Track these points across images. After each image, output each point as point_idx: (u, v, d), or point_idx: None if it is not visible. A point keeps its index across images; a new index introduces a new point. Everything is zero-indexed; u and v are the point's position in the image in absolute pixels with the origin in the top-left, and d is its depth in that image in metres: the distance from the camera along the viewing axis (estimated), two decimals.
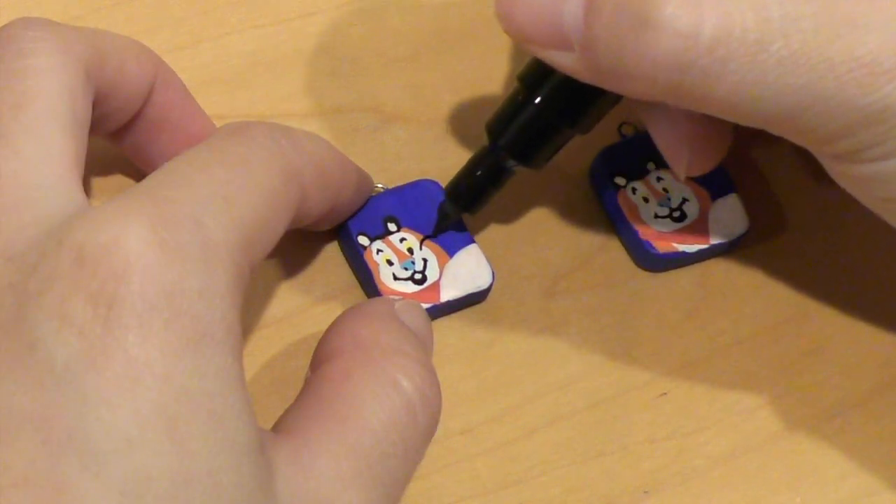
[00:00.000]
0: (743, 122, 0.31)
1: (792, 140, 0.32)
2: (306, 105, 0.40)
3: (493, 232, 0.38)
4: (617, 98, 0.34)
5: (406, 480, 0.30)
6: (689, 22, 0.29)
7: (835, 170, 0.33)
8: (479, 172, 0.36)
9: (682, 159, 0.36)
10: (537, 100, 0.34)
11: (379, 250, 0.36)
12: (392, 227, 0.37)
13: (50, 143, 0.29)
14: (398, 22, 0.42)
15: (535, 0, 0.31)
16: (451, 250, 0.37)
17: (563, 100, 0.34)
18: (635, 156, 0.39)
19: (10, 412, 0.25)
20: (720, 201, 0.39)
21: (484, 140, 0.36)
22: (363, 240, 0.36)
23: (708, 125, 0.35)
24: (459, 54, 0.41)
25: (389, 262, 0.36)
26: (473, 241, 0.37)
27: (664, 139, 0.36)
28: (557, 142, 0.35)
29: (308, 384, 0.31)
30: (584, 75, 0.31)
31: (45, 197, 0.28)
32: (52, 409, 0.25)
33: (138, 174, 0.37)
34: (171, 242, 0.26)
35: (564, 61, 0.31)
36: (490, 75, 0.41)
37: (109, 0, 0.40)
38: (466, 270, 0.37)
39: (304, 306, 0.37)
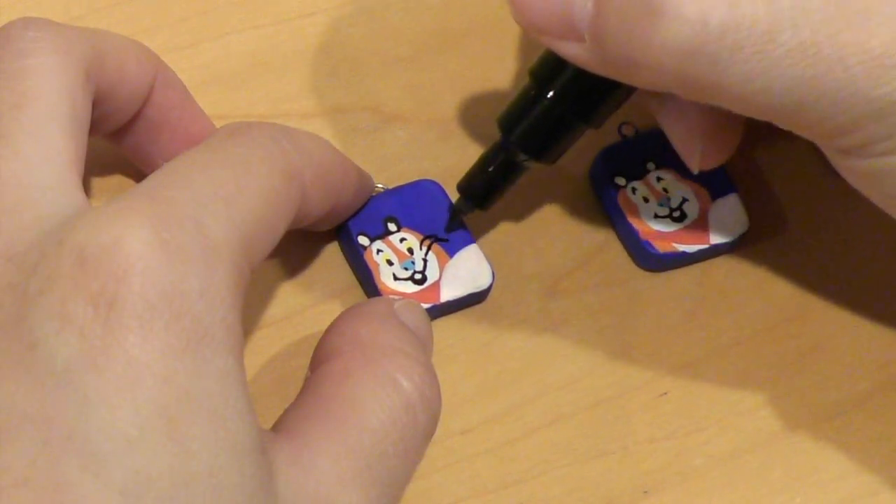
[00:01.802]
0: (751, 114, 0.31)
1: (800, 133, 0.32)
2: (306, 105, 0.40)
3: (493, 232, 0.38)
4: (629, 92, 0.34)
5: (406, 480, 0.30)
6: (698, 9, 0.29)
7: (842, 165, 0.32)
8: (491, 168, 0.36)
9: (695, 152, 0.36)
10: (549, 94, 0.34)
11: (379, 250, 0.36)
12: (392, 227, 0.37)
13: (50, 144, 0.29)
14: (398, 22, 0.42)
15: None
16: (451, 250, 0.37)
17: (576, 94, 0.34)
18: (635, 156, 0.39)
19: (11, 412, 0.25)
20: (720, 201, 0.39)
21: (492, 136, 0.36)
22: (363, 240, 0.36)
23: (719, 118, 0.35)
24: (459, 54, 0.41)
25: (389, 262, 0.36)
26: (473, 242, 0.37)
27: (676, 132, 0.36)
28: (570, 136, 0.35)
29: (308, 384, 0.31)
30: (594, 66, 0.32)
31: (46, 197, 0.28)
32: (52, 409, 0.25)
33: (138, 174, 0.37)
34: (171, 243, 0.26)
35: (575, 52, 0.32)
36: (490, 75, 0.41)
37: (109, 0, 0.40)
38: (466, 270, 0.37)
39: (304, 306, 0.37)
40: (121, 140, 0.35)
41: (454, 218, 0.37)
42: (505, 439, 0.36)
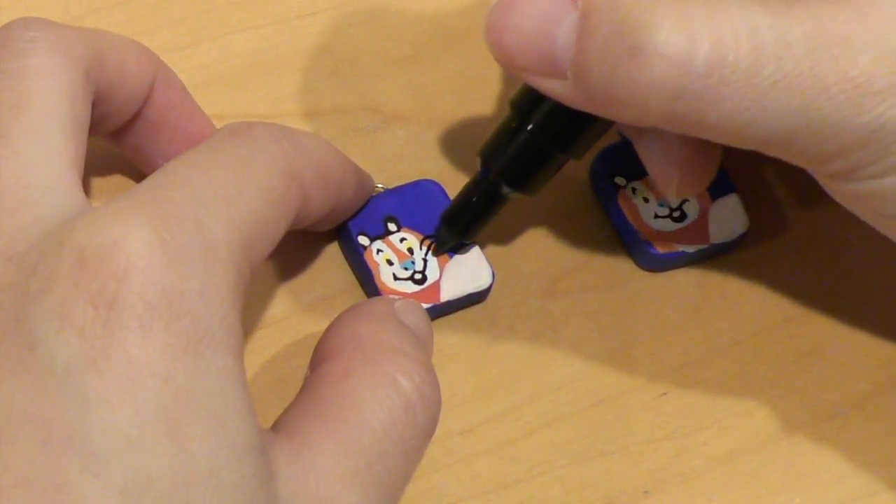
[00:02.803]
0: (737, 145, 0.31)
1: (787, 160, 0.32)
2: (306, 105, 0.40)
3: (493, 232, 0.38)
4: (610, 123, 0.34)
5: (406, 480, 0.30)
6: (682, 48, 0.29)
7: (831, 188, 0.33)
8: (474, 199, 0.36)
9: (673, 182, 0.36)
10: (530, 126, 0.34)
11: (379, 250, 0.36)
12: (392, 227, 0.37)
13: (50, 144, 0.29)
14: (398, 22, 0.42)
15: (526, 27, 0.31)
16: (451, 251, 0.37)
17: (556, 126, 0.34)
18: (635, 156, 0.39)
19: (11, 413, 0.25)
20: (720, 201, 0.39)
21: (478, 164, 0.36)
22: (363, 240, 0.36)
23: (697, 148, 0.35)
24: (459, 54, 0.41)
25: (389, 262, 0.36)
26: (474, 242, 0.37)
27: (654, 163, 0.36)
28: (551, 167, 0.35)
29: (307, 383, 0.31)
30: (576, 102, 0.31)
31: (46, 197, 0.28)
32: (52, 409, 0.25)
33: (138, 174, 0.37)
34: (171, 243, 0.26)
35: (557, 88, 0.31)
36: (490, 75, 0.41)
37: (109, 0, 0.40)
38: (467, 270, 0.37)
39: (304, 306, 0.37)
40: (120, 140, 0.35)
41: (440, 247, 0.37)
42: (505, 439, 0.36)
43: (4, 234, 0.27)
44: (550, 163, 0.35)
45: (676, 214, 0.38)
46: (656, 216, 0.38)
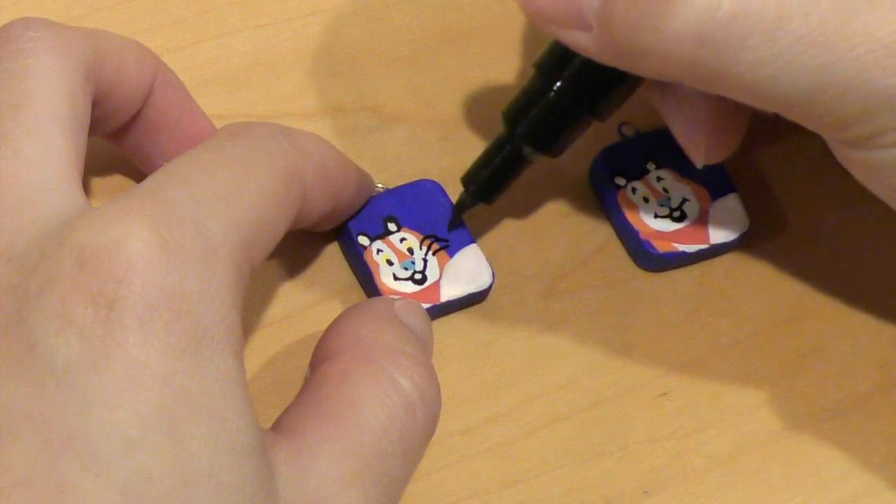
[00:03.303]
0: (758, 105, 0.31)
1: (806, 125, 0.31)
2: (306, 105, 0.40)
3: (494, 232, 0.38)
4: (636, 83, 0.34)
5: (406, 480, 0.30)
6: None
7: (847, 157, 0.32)
8: (496, 161, 0.36)
9: (700, 146, 0.36)
10: (555, 87, 0.34)
11: (379, 250, 0.36)
12: (392, 226, 0.37)
13: (50, 144, 0.29)
14: (398, 22, 0.42)
15: None
16: (451, 250, 0.37)
17: (582, 86, 0.34)
18: (635, 156, 0.39)
19: (11, 413, 0.25)
20: (720, 201, 0.39)
21: (493, 136, 0.36)
22: (363, 240, 0.36)
23: (724, 111, 0.35)
24: (459, 54, 0.41)
25: (389, 262, 0.36)
26: (474, 241, 0.37)
27: (680, 126, 0.36)
28: (576, 129, 0.35)
29: (307, 383, 0.31)
30: (602, 55, 0.31)
31: (46, 197, 0.28)
32: (52, 409, 0.25)
33: (138, 174, 0.37)
34: (171, 243, 0.26)
35: (583, 41, 0.31)
36: (490, 75, 0.41)
37: (109, 0, 0.40)
38: (467, 270, 0.37)
39: (304, 306, 0.36)
40: (120, 140, 0.35)
41: (458, 213, 0.37)
42: (505, 439, 0.36)
43: (4, 235, 0.27)
44: (576, 124, 0.35)
45: (676, 214, 0.38)
46: (656, 216, 0.38)
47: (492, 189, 0.37)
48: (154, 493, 0.24)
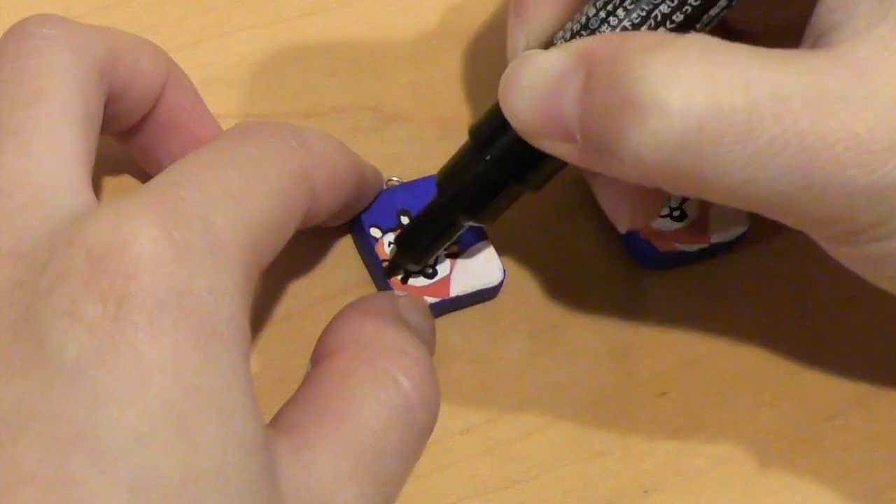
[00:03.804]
0: (739, 206, 0.30)
1: (788, 224, 0.31)
2: (306, 105, 0.40)
3: (494, 232, 0.38)
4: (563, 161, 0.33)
5: (403, 479, 0.30)
6: (677, 103, 0.28)
7: (835, 251, 0.32)
8: (428, 225, 0.35)
9: (623, 216, 0.35)
10: (488, 157, 0.33)
11: (390, 243, 0.36)
12: (405, 220, 0.37)
13: (62, 142, 0.29)
14: (398, 22, 0.42)
15: (536, 96, 0.31)
16: (463, 245, 0.37)
17: (515, 157, 0.33)
18: None
19: (20, 409, 0.25)
20: None
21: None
22: (375, 232, 0.36)
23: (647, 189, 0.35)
24: (459, 54, 0.41)
25: None
26: (486, 238, 0.37)
27: (606, 198, 0.35)
28: (507, 198, 0.34)
29: (308, 379, 0.31)
30: (587, 164, 0.31)
31: (55, 195, 0.28)
32: (61, 406, 0.25)
33: (144, 174, 0.37)
34: (180, 241, 0.26)
35: (570, 152, 0.31)
36: (490, 75, 0.40)
37: (110, 0, 0.41)
38: (477, 266, 0.37)
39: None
40: (129, 140, 0.35)
41: (391, 271, 0.36)
42: (505, 439, 0.36)
43: (14, 233, 0.27)
44: (506, 193, 0.34)
45: (677, 214, 0.38)
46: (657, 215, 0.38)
47: (423, 252, 0.36)
48: (162, 489, 0.24)
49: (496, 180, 0.34)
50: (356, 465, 0.29)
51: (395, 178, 0.37)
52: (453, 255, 0.37)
